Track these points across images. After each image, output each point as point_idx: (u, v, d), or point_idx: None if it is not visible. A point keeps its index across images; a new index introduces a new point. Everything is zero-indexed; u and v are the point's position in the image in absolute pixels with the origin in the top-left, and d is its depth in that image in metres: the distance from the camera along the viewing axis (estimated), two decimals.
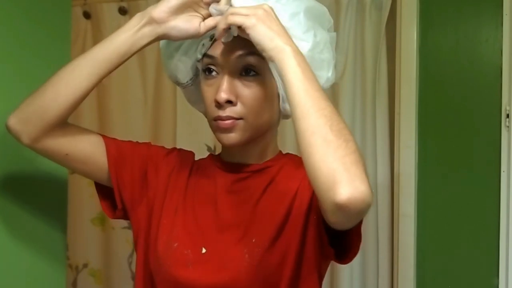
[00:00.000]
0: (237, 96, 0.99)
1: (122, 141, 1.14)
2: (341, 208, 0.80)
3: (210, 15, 0.99)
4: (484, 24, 1.90)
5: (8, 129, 1.06)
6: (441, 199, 1.96)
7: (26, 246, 1.27)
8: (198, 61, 1.03)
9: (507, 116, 1.83)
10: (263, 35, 0.90)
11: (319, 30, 1.02)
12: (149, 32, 0.99)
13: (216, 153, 1.15)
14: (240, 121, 1.00)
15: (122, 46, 1.00)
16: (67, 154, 1.07)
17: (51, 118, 1.03)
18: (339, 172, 0.80)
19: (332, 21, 1.08)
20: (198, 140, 2.07)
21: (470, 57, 1.92)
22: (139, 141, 1.17)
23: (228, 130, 1.00)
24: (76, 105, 1.04)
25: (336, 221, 0.87)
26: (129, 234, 2.33)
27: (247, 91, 1.00)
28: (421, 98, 1.97)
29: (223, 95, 0.98)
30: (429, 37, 1.96)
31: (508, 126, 1.84)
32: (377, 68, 1.99)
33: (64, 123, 1.06)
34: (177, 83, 1.10)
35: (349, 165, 0.81)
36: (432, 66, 1.96)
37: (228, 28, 0.94)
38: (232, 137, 1.01)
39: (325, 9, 1.06)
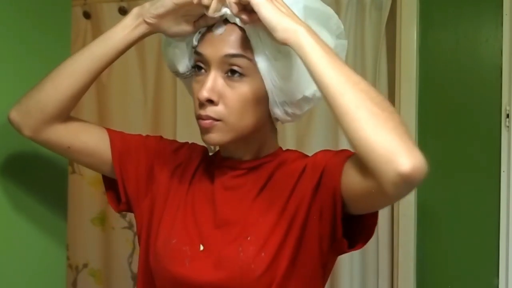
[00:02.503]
0: (220, 96, 0.97)
1: (130, 134, 1.14)
2: (405, 178, 0.79)
3: (203, 14, 0.97)
4: (484, 24, 1.90)
5: (9, 121, 1.08)
6: (441, 199, 1.96)
7: (26, 246, 1.27)
8: (194, 47, 1.02)
9: (507, 116, 1.83)
10: (274, 13, 0.88)
11: (322, 33, 0.97)
12: (144, 30, 1.03)
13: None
14: (219, 123, 0.98)
15: (119, 44, 1.03)
16: (69, 147, 1.09)
17: (51, 111, 1.05)
18: (396, 143, 0.80)
19: (341, 27, 1.03)
20: (198, 140, 2.05)
21: (470, 57, 1.92)
22: (150, 135, 1.16)
23: (207, 130, 1.00)
24: (75, 99, 1.06)
25: (395, 193, 0.84)
26: (129, 234, 2.33)
27: (231, 92, 0.97)
28: (421, 98, 1.97)
29: (205, 94, 0.96)
30: (429, 37, 1.96)
31: (508, 126, 1.84)
32: (377, 68, 1.99)
33: (67, 117, 1.08)
34: (177, 73, 1.08)
35: (403, 136, 0.81)
36: (432, 66, 1.96)
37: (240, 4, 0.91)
38: (212, 138, 1.00)
39: (332, 12, 1.02)
